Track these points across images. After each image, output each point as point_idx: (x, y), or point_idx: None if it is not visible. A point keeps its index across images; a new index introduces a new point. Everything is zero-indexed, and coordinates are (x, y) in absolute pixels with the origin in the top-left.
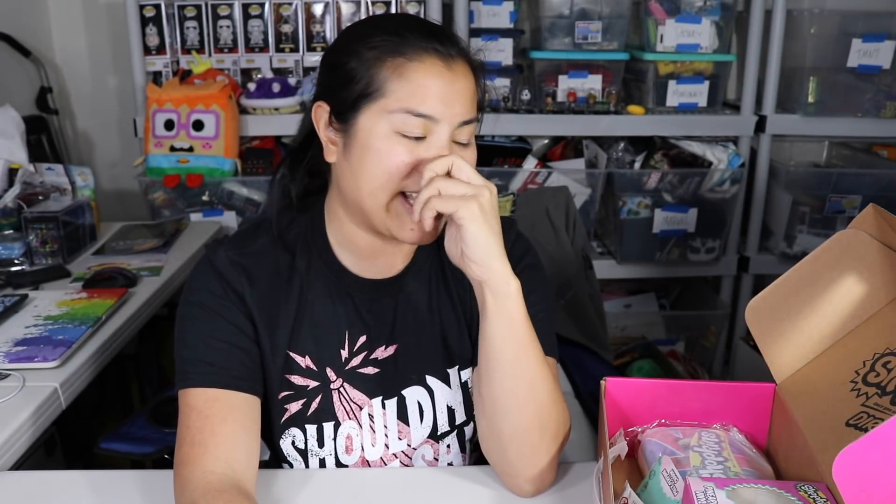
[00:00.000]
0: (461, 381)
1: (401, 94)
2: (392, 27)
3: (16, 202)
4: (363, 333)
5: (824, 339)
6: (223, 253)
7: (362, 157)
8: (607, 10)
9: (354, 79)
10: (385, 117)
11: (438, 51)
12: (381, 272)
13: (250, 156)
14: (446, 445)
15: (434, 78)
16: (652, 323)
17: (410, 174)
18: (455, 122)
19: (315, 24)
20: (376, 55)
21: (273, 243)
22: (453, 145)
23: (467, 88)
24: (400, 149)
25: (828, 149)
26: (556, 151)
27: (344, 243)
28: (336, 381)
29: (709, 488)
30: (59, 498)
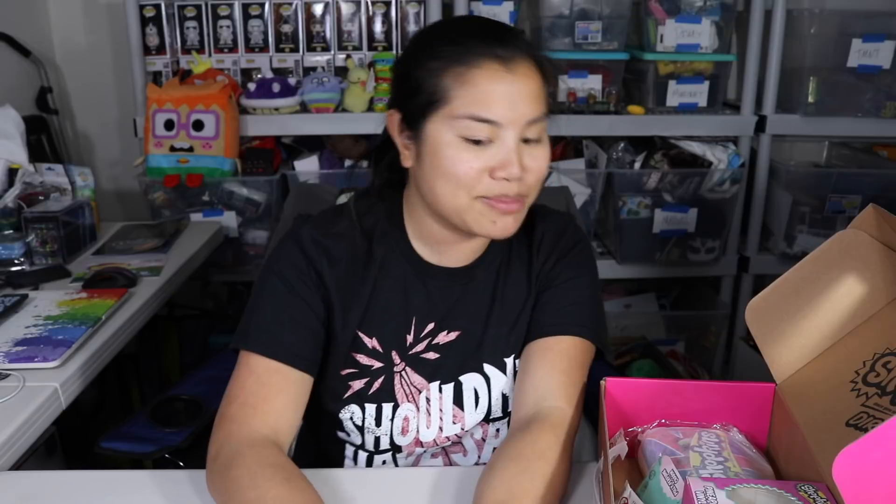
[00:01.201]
0: (516, 369)
1: (464, 100)
2: (454, 35)
3: (16, 202)
4: (431, 320)
5: (824, 339)
6: (307, 231)
7: (433, 164)
8: (607, 10)
9: (420, 88)
10: (450, 124)
11: (498, 55)
12: (455, 261)
13: (250, 156)
14: (496, 429)
15: (495, 83)
16: (652, 323)
17: (483, 178)
18: (520, 123)
19: (315, 24)
20: (439, 65)
21: (352, 229)
22: (522, 145)
23: (531, 88)
24: (467, 155)
25: (828, 149)
26: (556, 151)
27: (420, 234)
28: (400, 364)
29: (709, 488)
30: (59, 498)
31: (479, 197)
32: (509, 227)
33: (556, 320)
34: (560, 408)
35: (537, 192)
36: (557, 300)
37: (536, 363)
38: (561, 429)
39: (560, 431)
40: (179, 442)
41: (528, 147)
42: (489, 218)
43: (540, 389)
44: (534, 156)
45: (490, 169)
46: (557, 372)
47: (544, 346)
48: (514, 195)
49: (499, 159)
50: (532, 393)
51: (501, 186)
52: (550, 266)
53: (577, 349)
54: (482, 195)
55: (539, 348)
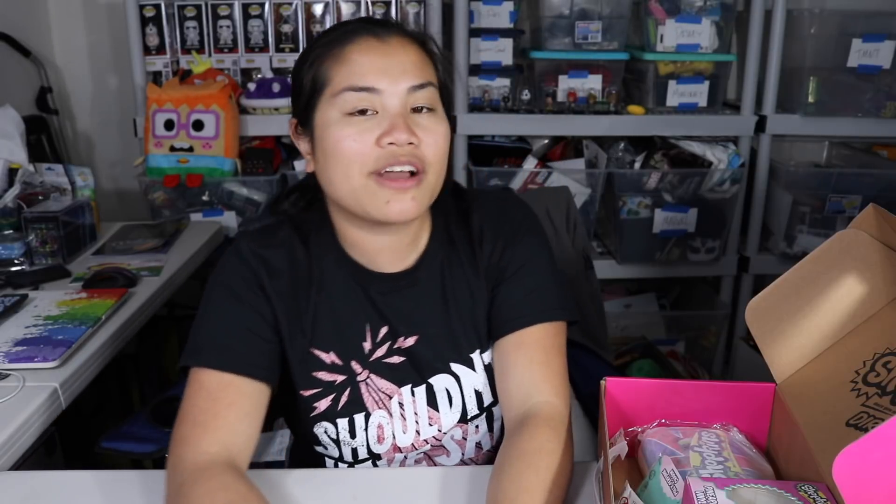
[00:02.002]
0: (485, 363)
1: (342, 76)
2: (335, 27)
3: (16, 202)
4: (384, 325)
5: (824, 339)
6: (246, 244)
7: (324, 150)
8: (607, 10)
9: (304, 83)
10: (332, 102)
11: (373, 32)
12: (394, 266)
13: (250, 156)
14: (475, 426)
15: (369, 54)
16: (652, 323)
17: (372, 151)
18: (401, 89)
19: (315, 24)
20: (319, 53)
21: (291, 238)
22: (413, 115)
23: (409, 58)
24: (351, 129)
25: (828, 149)
26: (556, 151)
27: (350, 242)
28: (362, 373)
29: (709, 488)
30: (59, 498)
31: (371, 173)
32: (407, 208)
33: (522, 312)
34: (548, 401)
35: (438, 171)
36: (518, 291)
37: (513, 360)
38: (555, 420)
39: (555, 423)
40: None
41: (419, 116)
42: (382, 198)
43: (524, 387)
44: (425, 125)
45: (377, 138)
46: (536, 364)
47: (517, 341)
48: (405, 160)
49: (384, 126)
50: (517, 392)
51: (391, 154)
52: (498, 256)
53: (550, 334)
54: (374, 170)
55: (512, 344)
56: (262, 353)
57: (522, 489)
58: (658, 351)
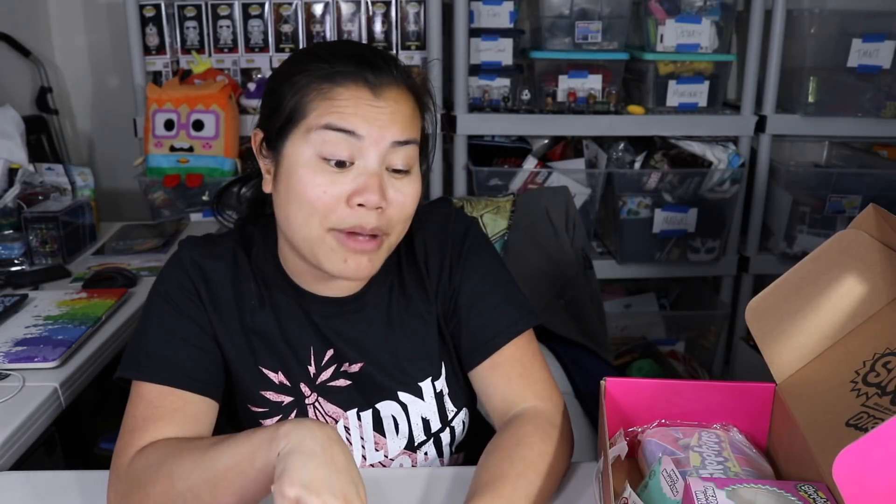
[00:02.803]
0: (435, 391)
1: (323, 111)
2: (325, 54)
3: (16, 202)
4: (329, 348)
5: (824, 339)
6: (188, 252)
7: (288, 186)
8: (607, 10)
9: (282, 104)
10: (307, 138)
11: (367, 79)
12: (339, 291)
13: (250, 156)
14: (424, 454)
15: (357, 100)
16: (652, 323)
17: (338, 207)
18: (384, 143)
19: (315, 24)
20: (305, 80)
21: (236, 251)
22: (388, 175)
23: (399, 111)
24: (322, 179)
25: (828, 149)
26: (556, 151)
27: (294, 269)
28: (311, 395)
29: (709, 488)
30: (59, 498)
31: (332, 229)
32: (363, 268)
33: (487, 335)
34: (532, 406)
35: (400, 232)
36: (478, 315)
37: (493, 382)
38: (538, 419)
39: (538, 422)
40: None
41: (394, 178)
42: (340, 255)
43: (507, 401)
44: (399, 188)
45: (347, 195)
46: (515, 379)
47: (492, 365)
48: (370, 228)
49: (357, 183)
50: (501, 407)
51: (357, 216)
52: (448, 277)
53: (521, 345)
54: (335, 227)
55: (487, 369)
56: (203, 366)
57: (494, 476)
58: (658, 351)
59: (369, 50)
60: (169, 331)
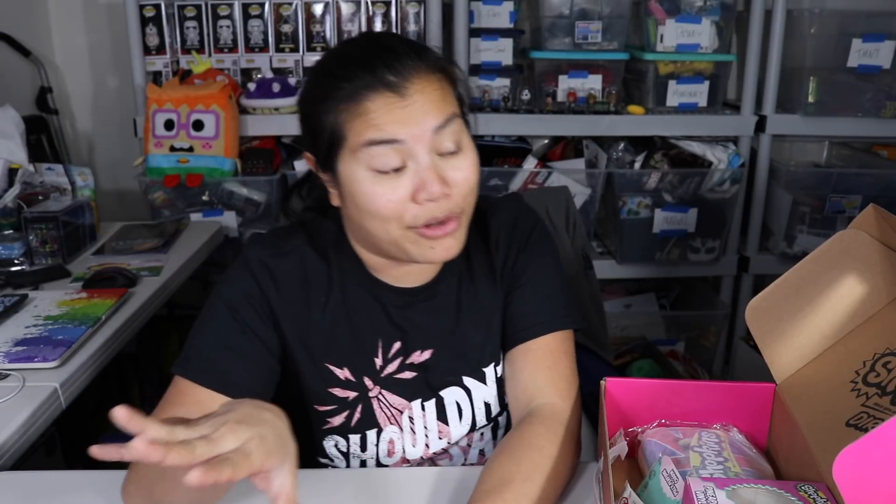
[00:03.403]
0: (497, 376)
1: (358, 129)
2: (338, 70)
3: (16, 202)
4: (397, 340)
5: (824, 339)
6: (255, 252)
7: (355, 203)
8: (607, 10)
9: (320, 129)
10: (355, 158)
11: (387, 83)
12: (413, 281)
13: (250, 156)
14: (480, 434)
15: (385, 107)
16: (652, 323)
17: (408, 207)
18: (426, 135)
19: (315, 24)
20: (328, 106)
21: (305, 248)
22: (440, 159)
23: (429, 99)
24: (381, 188)
25: (828, 149)
26: (556, 151)
27: (372, 262)
28: (373, 389)
29: (709, 488)
30: (59, 498)
31: (408, 227)
32: (450, 248)
33: (532, 321)
34: (550, 403)
35: (472, 202)
36: (528, 300)
37: (520, 367)
38: (552, 420)
39: (551, 423)
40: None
41: (446, 159)
42: (425, 246)
43: (529, 391)
44: (456, 167)
45: (411, 194)
46: (542, 369)
47: (525, 350)
48: (444, 216)
49: (416, 181)
50: (522, 397)
51: (428, 210)
52: (512, 262)
53: (559, 341)
54: (411, 225)
55: (520, 353)
56: (250, 375)
57: (502, 481)
58: (658, 351)
59: (383, 49)
60: (221, 336)
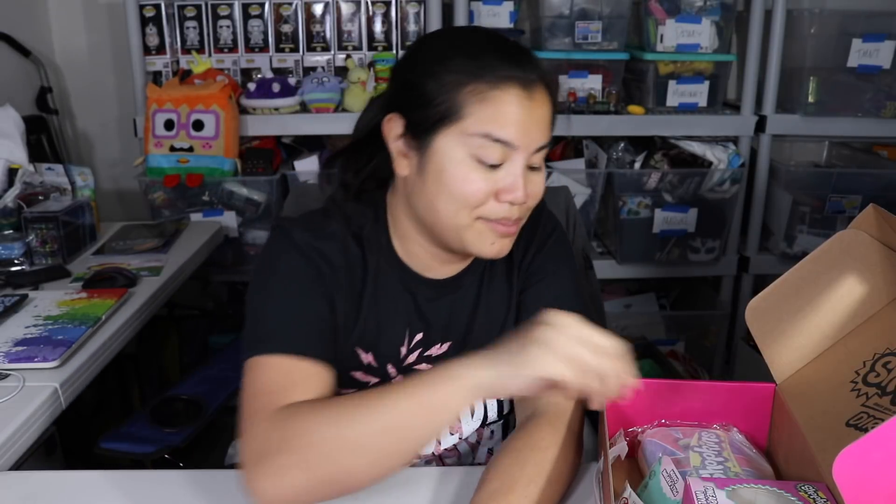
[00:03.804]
0: None
1: (481, 117)
2: (471, 49)
3: (16, 202)
4: (420, 331)
5: (824, 339)
6: (299, 234)
7: (438, 180)
8: (607, 10)
9: (433, 101)
10: (463, 141)
11: (520, 79)
12: (442, 273)
13: (250, 156)
14: (490, 430)
15: (515, 106)
16: (652, 323)
17: (488, 201)
18: (531, 148)
19: (315, 24)
20: (457, 79)
21: (343, 232)
22: (526, 171)
23: (545, 115)
24: (475, 176)
25: (828, 149)
26: (556, 151)
27: (407, 248)
28: (396, 378)
29: (709, 488)
30: (59, 498)
31: (480, 218)
32: (505, 248)
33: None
34: (556, 402)
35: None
36: (543, 298)
37: None
38: (558, 421)
39: (558, 423)
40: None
41: (531, 174)
42: (488, 239)
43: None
44: (535, 182)
45: (497, 192)
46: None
47: None
48: (516, 218)
49: (507, 183)
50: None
51: (505, 210)
52: (530, 259)
53: None
54: (484, 216)
55: None
56: (329, 338)
57: (505, 483)
58: (658, 351)
59: (509, 41)
60: (293, 306)
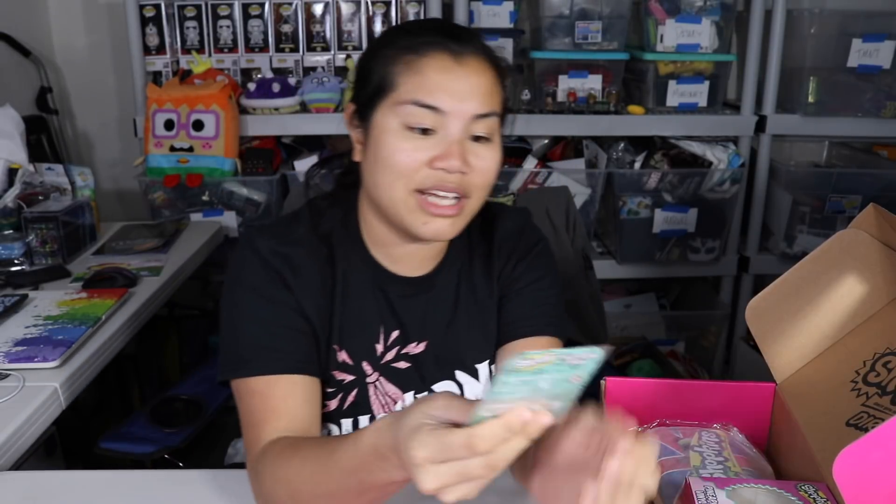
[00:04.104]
0: (490, 374)
1: (409, 85)
2: (413, 28)
3: (16, 202)
4: (396, 328)
5: (824, 339)
6: (264, 242)
7: (377, 153)
8: (607, 10)
9: (371, 77)
10: (395, 111)
11: (450, 48)
12: (414, 270)
13: (250, 156)
14: None
15: (443, 72)
16: (652, 323)
17: (421, 169)
18: (466, 115)
19: (315, 24)
20: (391, 53)
21: (311, 235)
22: (469, 142)
23: (481, 83)
24: (407, 144)
25: (828, 149)
26: (556, 151)
27: (376, 242)
28: (372, 374)
29: (709, 488)
30: (59, 498)
31: (415, 190)
32: (443, 230)
33: (528, 322)
34: None
35: (480, 197)
36: (526, 303)
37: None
38: None
39: None
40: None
41: (475, 145)
42: (420, 218)
43: None
44: (480, 154)
45: (430, 159)
46: None
47: (511, 347)
48: (452, 188)
49: (440, 149)
50: None
51: (439, 177)
52: (511, 268)
53: (549, 346)
54: (418, 187)
55: (513, 349)
56: (303, 348)
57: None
58: (658, 351)
59: (452, 23)
60: (263, 321)
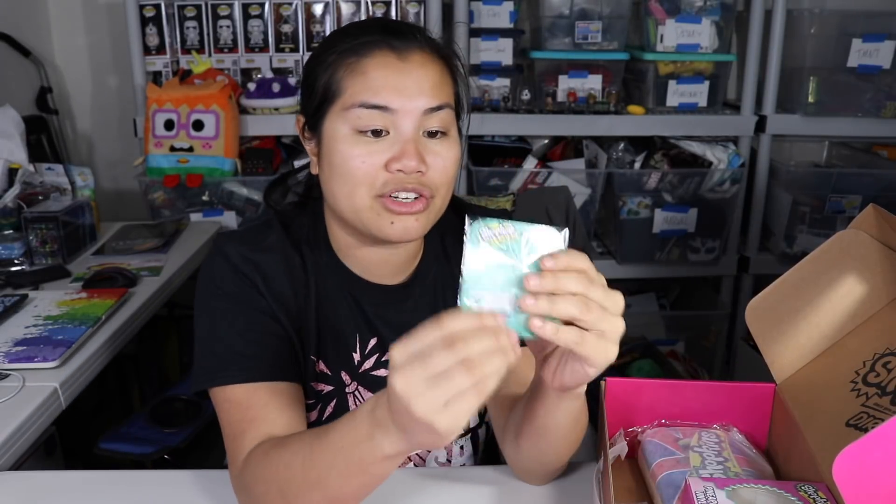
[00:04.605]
0: None
1: (354, 88)
2: (353, 30)
3: (16, 202)
4: (373, 336)
5: (824, 339)
6: (234, 248)
7: (331, 163)
8: (607, 10)
9: (316, 86)
10: (343, 116)
11: (392, 45)
12: (389, 278)
13: (250, 156)
14: (459, 447)
15: (385, 70)
16: (652, 323)
17: (379, 174)
18: (416, 111)
19: (315, 24)
20: (334, 58)
21: (282, 242)
22: (425, 139)
23: (428, 77)
24: (359, 150)
25: (828, 149)
26: (556, 151)
27: (345, 250)
28: (351, 384)
29: (709, 488)
30: (59, 498)
31: (377, 196)
32: (410, 230)
33: None
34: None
35: (444, 195)
36: None
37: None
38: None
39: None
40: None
41: (431, 141)
42: (387, 218)
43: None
44: (437, 151)
45: (386, 162)
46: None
47: None
48: (412, 188)
49: (395, 150)
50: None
51: (398, 180)
52: None
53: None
54: (380, 193)
55: None
56: (279, 352)
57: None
58: (658, 351)
59: (393, 21)
60: (238, 327)
